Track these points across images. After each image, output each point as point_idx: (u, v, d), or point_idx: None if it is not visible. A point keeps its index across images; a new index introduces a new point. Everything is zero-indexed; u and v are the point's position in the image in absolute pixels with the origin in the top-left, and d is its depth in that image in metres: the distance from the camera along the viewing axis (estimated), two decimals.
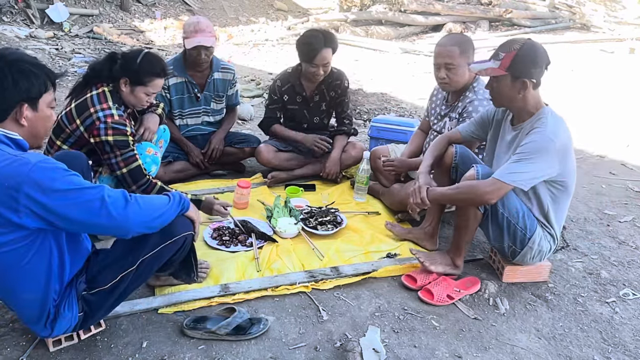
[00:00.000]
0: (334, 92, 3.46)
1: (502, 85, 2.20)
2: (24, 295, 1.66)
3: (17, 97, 1.56)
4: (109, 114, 2.39)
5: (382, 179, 3.24)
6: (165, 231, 1.79)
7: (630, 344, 2.12)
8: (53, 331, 1.75)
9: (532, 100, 2.21)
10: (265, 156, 3.45)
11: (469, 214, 2.29)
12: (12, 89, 1.54)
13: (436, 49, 2.79)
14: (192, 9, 11.70)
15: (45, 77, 1.61)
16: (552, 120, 2.17)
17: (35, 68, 1.59)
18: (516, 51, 2.13)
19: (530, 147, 2.13)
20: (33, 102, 1.59)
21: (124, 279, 1.77)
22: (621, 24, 12.23)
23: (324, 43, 3.17)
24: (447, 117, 2.89)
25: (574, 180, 2.30)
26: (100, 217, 1.56)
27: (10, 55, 1.57)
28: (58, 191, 1.49)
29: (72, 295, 1.73)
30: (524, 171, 2.12)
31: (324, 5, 14.26)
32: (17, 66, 1.55)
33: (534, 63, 2.15)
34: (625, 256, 2.80)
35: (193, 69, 3.38)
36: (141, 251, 1.78)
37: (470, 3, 12.13)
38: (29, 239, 1.56)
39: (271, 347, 1.95)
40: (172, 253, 1.88)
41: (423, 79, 6.99)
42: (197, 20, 3.27)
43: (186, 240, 1.89)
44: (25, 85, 1.56)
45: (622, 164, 4.32)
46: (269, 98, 3.56)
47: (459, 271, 2.45)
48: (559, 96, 6.38)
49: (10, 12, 8.81)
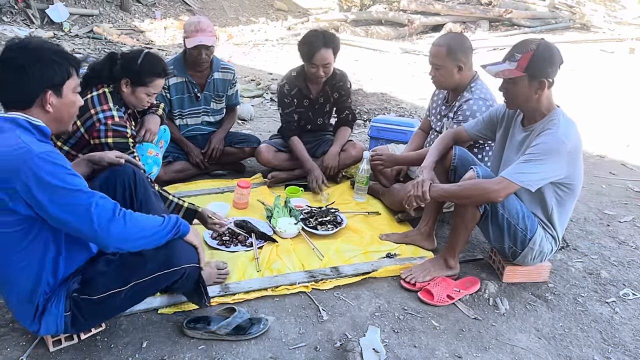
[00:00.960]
0: (337, 94, 3.46)
1: (520, 87, 2.18)
2: (16, 282, 1.67)
3: (42, 84, 1.61)
4: (109, 115, 2.39)
5: (382, 179, 3.24)
6: (164, 259, 1.75)
7: (630, 344, 2.12)
8: (41, 327, 1.73)
9: (546, 101, 2.21)
10: (265, 156, 3.45)
11: (467, 215, 2.28)
12: (36, 77, 1.60)
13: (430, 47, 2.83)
14: (192, 9, 11.71)
15: (67, 63, 1.67)
16: (564, 122, 2.16)
17: (57, 55, 1.64)
18: (533, 51, 2.12)
19: (541, 148, 2.12)
20: (57, 89, 1.65)
21: (113, 295, 1.73)
22: (621, 24, 12.23)
23: (323, 43, 3.16)
24: (446, 118, 2.89)
25: (581, 182, 2.29)
26: (82, 222, 1.57)
27: (32, 44, 1.63)
28: (50, 185, 1.52)
29: (62, 293, 1.72)
30: (533, 172, 2.12)
31: (324, 5, 14.26)
32: (40, 54, 1.61)
33: (551, 62, 2.14)
34: (625, 256, 2.80)
35: (193, 68, 3.38)
36: (135, 274, 1.74)
37: (470, 3, 12.13)
38: (23, 226, 1.58)
39: (271, 347, 1.95)
40: (170, 283, 1.83)
41: (423, 79, 6.98)
42: (197, 19, 3.27)
43: (186, 272, 1.82)
44: (49, 73, 1.61)
45: (622, 164, 4.32)
46: (281, 103, 3.48)
47: (454, 272, 2.44)
48: (559, 96, 6.38)
49: (10, 12, 8.81)
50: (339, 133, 3.50)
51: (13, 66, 1.59)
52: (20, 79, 1.59)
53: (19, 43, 1.63)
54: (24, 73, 1.59)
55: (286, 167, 3.49)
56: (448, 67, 2.70)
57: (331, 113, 3.60)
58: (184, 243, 1.83)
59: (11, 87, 1.61)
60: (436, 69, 2.75)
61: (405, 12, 11.43)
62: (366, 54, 9.30)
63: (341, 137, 3.48)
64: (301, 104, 3.47)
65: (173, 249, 1.77)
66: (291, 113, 3.47)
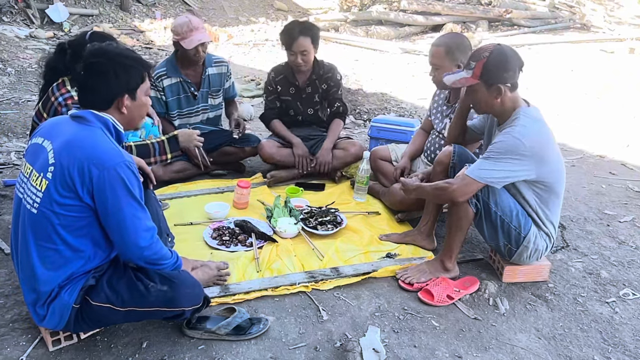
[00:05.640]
0: (325, 85, 3.51)
1: (479, 94, 2.23)
2: (64, 264, 1.71)
3: (120, 89, 1.75)
4: (68, 97, 2.45)
5: (382, 178, 3.24)
6: (167, 299, 1.77)
7: (630, 344, 2.12)
8: (47, 314, 1.74)
9: (510, 103, 2.23)
10: (267, 151, 3.46)
11: (460, 213, 2.29)
12: (115, 82, 1.73)
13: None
14: (192, 9, 11.69)
15: (142, 68, 1.80)
16: (523, 121, 2.17)
17: (133, 61, 1.78)
18: (486, 58, 2.16)
19: (497, 146, 2.17)
20: (132, 93, 1.78)
21: (110, 310, 1.75)
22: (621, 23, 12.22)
23: (299, 31, 3.27)
24: (448, 118, 2.89)
25: (561, 181, 2.30)
26: (129, 233, 1.68)
27: (112, 51, 1.75)
28: (125, 190, 1.65)
29: (78, 284, 1.73)
30: (493, 169, 2.16)
31: (324, 5, 14.23)
32: (119, 61, 1.74)
33: (504, 68, 2.17)
34: (625, 256, 2.80)
35: (188, 67, 3.39)
36: (136, 302, 1.76)
37: (470, 3, 12.12)
38: (78, 213, 1.67)
39: (271, 347, 1.95)
40: (166, 317, 1.86)
41: (423, 79, 6.97)
42: (187, 19, 3.27)
43: (185, 313, 1.85)
44: (126, 78, 1.75)
45: (622, 164, 4.32)
46: (265, 90, 3.62)
47: (451, 274, 2.43)
48: (559, 96, 6.39)
49: (10, 12, 8.80)
50: (331, 127, 3.53)
51: (97, 72, 1.71)
52: (102, 83, 1.72)
53: (100, 49, 1.75)
54: (107, 79, 1.72)
55: (288, 163, 3.48)
56: (447, 67, 2.70)
57: (322, 105, 3.61)
58: (192, 286, 1.84)
59: (94, 91, 1.73)
60: (436, 69, 2.77)
61: (406, 12, 11.42)
62: (366, 54, 9.29)
63: (333, 130, 3.51)
64: (287, 91, 3.53)
65: (179, 292, 1.79)
66: (274, 100, 3.58)
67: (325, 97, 3.56)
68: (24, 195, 1.73)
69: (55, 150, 1.67)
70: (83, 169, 1.62)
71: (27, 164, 1.75)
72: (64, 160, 1.63)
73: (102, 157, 1.64)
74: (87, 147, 1.65)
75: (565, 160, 2.93)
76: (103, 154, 1.65)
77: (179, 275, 1.82)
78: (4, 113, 4.50)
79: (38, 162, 1.70)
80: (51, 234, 1.67)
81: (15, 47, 6.83)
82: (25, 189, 1.73)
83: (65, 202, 1.64)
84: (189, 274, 1.91)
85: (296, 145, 3.46)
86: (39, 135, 1.77)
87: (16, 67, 6.13)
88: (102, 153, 1.65)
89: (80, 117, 1.71)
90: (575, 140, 4.82)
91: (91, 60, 1.72)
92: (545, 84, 6.87)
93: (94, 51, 1.75)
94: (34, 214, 1.68)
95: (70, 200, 1.64)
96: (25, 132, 4.13)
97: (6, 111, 4.57)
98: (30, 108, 4.74)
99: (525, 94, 2.31)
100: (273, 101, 3.58)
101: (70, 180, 1.63)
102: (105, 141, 1.69)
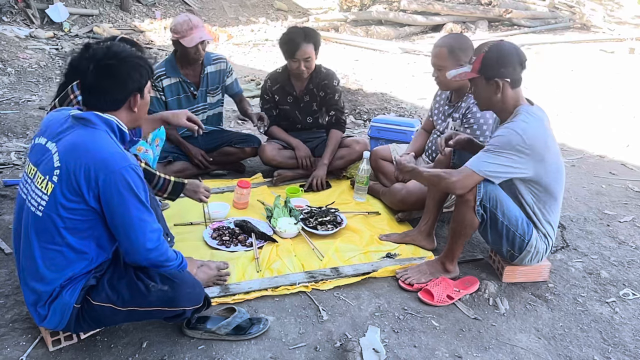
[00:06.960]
0: (323, 92, 3.47)
1: (480, 88, 2.24)
2: (67, 266, 1.71)
3: (133, 88, 1.77)
4: None
5: (382, 178, 3.25)
6: (168, 298, 1.77)
7: (630, 344, 2.12)
8: (48, 314, 1.74)
9: (511, 100, 2.23)
10: (269, 153, 3.46)
11: (465, 221, 2.27)
12: (128, 82, 1.75)
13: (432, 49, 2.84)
14: (192, 9, 11.69)
15: (147, 66, 1.83)
16: (524, 117, 2.17)
17: (141, 60, 1.80)
18: (485, 53, 2.17)
19: (497, 140, 2.17)
20: (141, 91, 1.81)
21: (111, 309, 1.75)
22: (621, 23, 12.21)
23: (304, 38, 3.22)
24: (451, 118, 2.89)
25: (558, 182, 2.29)
26: (136, 235, 1.68)
27: (122, 53, 1.77)
28: (131, 193, 1.65)
29: (80, 284, 1.74)
30: (492, 162, 2.15)
31: (324, 5, 14.23)
32: (130, 61, 1.76)
33: (503, 63, 2.17)
34: (625, 256, 2.80)
35: (188, 67, 3.39)
36: (136, 301, 1.76)
37: (470, 3, 12.11)
38: (84, 217, 1.67)
39: (271, 347, 1.95)
40: (165, 317, 1.87)
41: (423, 79, 6.98)
42: (187, 17, 3.26)
43: (185, 313, 1.86)
44: (137, 77, 1.77)
45: (622, 164, 4.32)
46: (262, 99, 3.59)
47: (451, 275, 2.42)
48: (559, 96, 6.39)
49: (10, 12, 8.80)
50: (330, 139, 3.47)
51: (109, 74, 1.72)
52: (115, 84, 1.74)
53: (110, 51, 1.75)
54: (121, 79, 1.74)
55: (290, 165, 3.49)
56: (450, 68, 2.70)
57: (321, 112, 3.59)
58: (192, 286, 1.84)
59: (106, 92, 1.74)
60: (439, 70, 2.76)
61: (405, 12, 11.41)
62: (366, 53, 9.29)
63: (332, 143, 3.46)
64: (284, 100, 3.50)
65: (180, 292, 1.79)
66: (270, 109, 3.55)
67: (323, 104, 3.53)
68: (27, 197, 1.72)
69: (60, 152, 1.66)
70: (89, 172, 1.62)
71: (31, 164, 1.75)
72: (70, 164, 1.63)
73: (108, 161, 1.64)
74: (93, 151, 1.65)
75: (565, 160, 2.94)
76: (109, 157, 1.65)
77: (179, 275, 1.82)
78: (4, 113, 4.50)
79: (42, 163, 1.69)
80: (55, 236, 1.67)
81: (15, 47, 6.82)
82: (29, 190, 1.72)
83: (72, 205, 1.65)
84: (189, 274, 1.91)
85: (297, 147, 3.45)
86: (41, 135, 1.77)
87: (16, 67, 6.13)
88: (108, 156, 1.65)
89: (84, 118, 1.70)
90: (575, 140, 4.82)
91: (103, 62, 1.72)
92: (545, 84, 6.87)
93: (106, 53, 1.74)
94: (38, 217, 1.68)
95: (76, 204, 1.65)
96: (25, 132, 4.13)
97: (6, 111, 4.57)
98: (30, 108, 4.74)
99: (525, 94, 2.31)
100: (269, 110, 3.55)
101: (77, 184, 1.63)
102: (110, 144, 1.69)
